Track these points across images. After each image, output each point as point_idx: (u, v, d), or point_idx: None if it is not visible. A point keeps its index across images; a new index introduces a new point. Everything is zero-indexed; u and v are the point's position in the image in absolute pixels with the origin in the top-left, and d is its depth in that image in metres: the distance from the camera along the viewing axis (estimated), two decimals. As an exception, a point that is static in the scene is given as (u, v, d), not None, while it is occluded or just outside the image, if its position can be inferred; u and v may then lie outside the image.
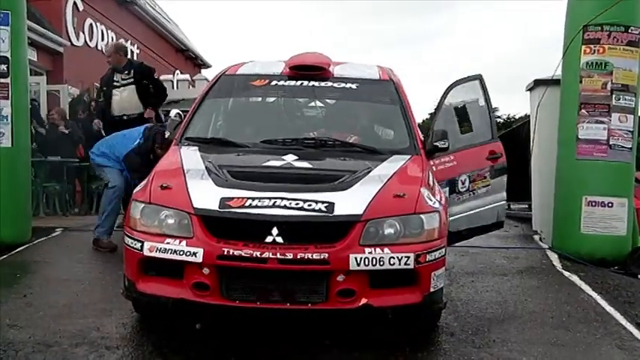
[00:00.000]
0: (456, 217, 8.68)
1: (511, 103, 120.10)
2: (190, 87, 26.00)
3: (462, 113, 9.19)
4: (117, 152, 10.25)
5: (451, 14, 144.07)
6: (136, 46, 28.84)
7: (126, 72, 12.17)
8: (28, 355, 6.50)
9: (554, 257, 10.57)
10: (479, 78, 9.39)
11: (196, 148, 7.56)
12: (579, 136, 10.45)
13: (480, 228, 9.30)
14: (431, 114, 61.95)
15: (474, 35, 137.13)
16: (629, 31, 10.66)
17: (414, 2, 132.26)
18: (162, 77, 20.12)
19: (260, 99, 8.66)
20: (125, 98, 11.94)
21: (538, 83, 10.53)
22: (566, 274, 9.90)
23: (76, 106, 20.24)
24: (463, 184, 8.78)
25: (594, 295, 8.94)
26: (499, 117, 45.44)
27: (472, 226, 9.01)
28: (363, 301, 6.12)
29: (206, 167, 6.92)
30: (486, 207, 8.87)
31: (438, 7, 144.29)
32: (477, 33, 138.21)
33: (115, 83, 12.16)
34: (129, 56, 14.03)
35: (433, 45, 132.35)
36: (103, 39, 25.60)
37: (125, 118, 11.71)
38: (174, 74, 22.21)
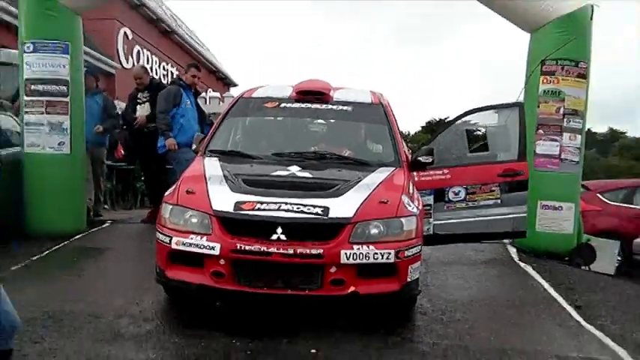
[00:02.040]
0: (457, 221, 8.65)
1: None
2: (220, 103, 26.03)
3: (477, 135, 9.12)
4: None
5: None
6: (175, 68, 28.87)
7: (146, 91, 12.18)
8: (82, 324, 6.63)
9: (513, 251, 10.62)
10: (520, 106, 9.32)
11: (217, 158, 7.65)
12: (537, 151, 10.49)
13: (495, 234, 9.37)
14: (423, 127, 61.76)
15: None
16: (579, 65, 10.76)
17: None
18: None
19: (271, 118, 8.71)
20: (143, 113, 11.94)
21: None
22: (522, 264, 9.98)
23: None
24: (456, 195, 8.67)
25: (543, 282, 9.04)
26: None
27: (485, 232, 8.95)
28: (352, 288, 6.26)
29: (224, 175, 7.04)
30: (499, 217, 8.70)
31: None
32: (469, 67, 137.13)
33: (138, 100, 12.18)
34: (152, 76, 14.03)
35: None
36: (148, 62, 25.66)
37: (146, 130, 11.68)
38: (206, 92, 22.22)
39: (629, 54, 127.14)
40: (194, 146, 8.27)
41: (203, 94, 21.32)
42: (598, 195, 15.06)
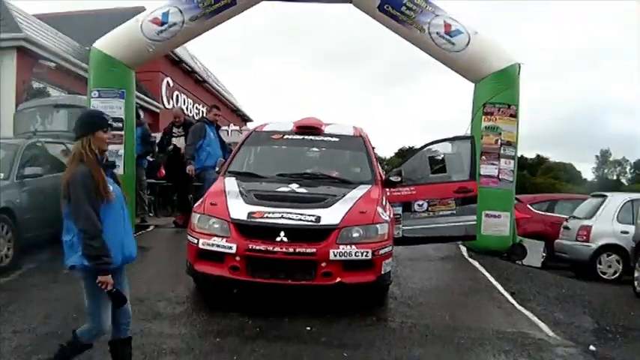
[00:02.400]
0: (421, 227, 8.51)
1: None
2: (239, 134, 26.11)
3: (437, 160, 9.07)
4: None
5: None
6: (205, 108, 28.88)
7: (181, 127, 12.09)
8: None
9: (464, 250, 10.53)
10: (471, 138, 9.31)
11: (235, 178, 7.61)
12: (481, 173, 10.42)
13: (452, 237, 9.21)
14: (396, 153, 61.87)
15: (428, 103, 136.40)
16: (510, 108, 10.71)
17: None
18: (221, 128, 20.15)
19: (276, 147, 8.63)
20: (178, 145, 11.84)
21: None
22: (471, 260, 9.90)
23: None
24: (420, 206, 8.54)
25: (486, 274, 8.99)
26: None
27: (443, 235, 8.80)
28: (338, 279, 6.28)
29: (240, 191, 7.03)
30: (455, 224, 8.58)
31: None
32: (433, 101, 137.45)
33: (173, 134, 12.13)
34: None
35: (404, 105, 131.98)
36: (184, 104, 25.68)
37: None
38: (228, 126, 22.19)
39: (555, 97, 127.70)
40: (217, 169, 8.26)
41: (225, 127, 21.28)
42: (528, 206, 14.99)
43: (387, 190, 8.03)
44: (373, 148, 8.97)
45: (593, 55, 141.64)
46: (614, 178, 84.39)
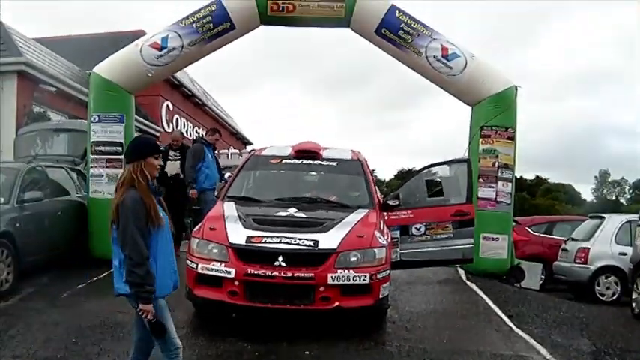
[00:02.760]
0: (419, 250, 8.56)
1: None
2: (239, 157, 26.13)
3: (434, 183, 9.11)
4: None
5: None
6: (205, 131, 28.97)
7: (178, 151, 11.78)
8: (129, 330, 6.53)
9: (462, 273, 10.57)
10: (467, 161, 9.37)
11: (233, 202, 7.64)
12: (479, 195, 10.47)
13: (449, 260, 9.24)
14: (395, 175, 61.78)
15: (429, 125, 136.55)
16: (508, 130, 10.80)
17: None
18: (221, 152, 20.21)
19: (275, 171, 8.66)
20: (173, 168, 11.51)
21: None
22: (469, 283, 9.93)
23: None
24: (418, 230, 8.58)
25: (484, 296, 9.00)
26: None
27: (441, 258, 8.84)
28: (336, 303, 6.30)
29: (238, 216, 7.06)
30: (452, 247, 8.61)
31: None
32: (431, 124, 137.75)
33: (169, 157, 11.64)
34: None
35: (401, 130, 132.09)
36: (184, 127, 25.75)
37: (171, 182, 11.29)
38: (228, 149, 22.26)
39: (554, 118, 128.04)
40: (216, 193, 8.30)
41: (224, 150, 21.36)
42: (526, 228, 15.05)
43: (385, 213, 8.08)
44: (372, 170, 9.02)
45: (592, 78, 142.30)
46: (613, 198, 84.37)
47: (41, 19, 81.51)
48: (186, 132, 25.79)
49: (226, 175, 11.58)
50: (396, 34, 10.70)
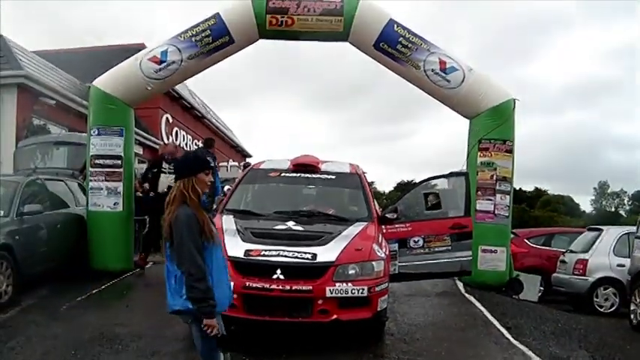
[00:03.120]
0: (417, 263, 8.50)
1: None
2: (239, 170, 26.19)
3: (433, 196, 9.11)
4: None
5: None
6: (202, 142, 29.05)
7: (172, 164, 11.32)
8: (128, 343, 6.69)
9: (460, 285, 10.58)
10: (465, 174, 9.39)
11: (232, 216, 7.68)
12: (477, 208, 10.51)
13: (447, 273, 9.14)
14: (395, 187, 61.76)
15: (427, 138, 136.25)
16: (506, 143, 10.87)
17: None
18: (220, 164, 20.25)
19: (274, 184, 8.71)
20: (165, 182, 11.21)
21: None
22: (467, 295, 9.95)
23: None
24: (416, 243, 8.55)
25: (483, 309, 9.01)
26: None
27: (439, 271, 8.77)
28: (334, 316, 6.34)
29: (237, 229, 7.11)
30: (450, 260, 8.57)
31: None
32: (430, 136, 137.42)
33: (163, 169, 11.61)
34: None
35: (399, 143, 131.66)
36: (183, 140, 25.83)
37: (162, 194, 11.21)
38: (228, 162, 22.34)
39: (553, 130, 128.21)
40: (215, 206, 8.34)
41: (224, 162, 21.44)
42: (525, 240, 15.08)
43: (384, 226, 8.11)
44: (372, 183, 9.04)
45: (591, 90, 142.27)
46: (613, 209, 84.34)
47: (42, 31, 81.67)
48: (186, 145, 25.88)
49: (225, 188, 11.56)
50: (394, 48, 10.77)
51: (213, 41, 10.80)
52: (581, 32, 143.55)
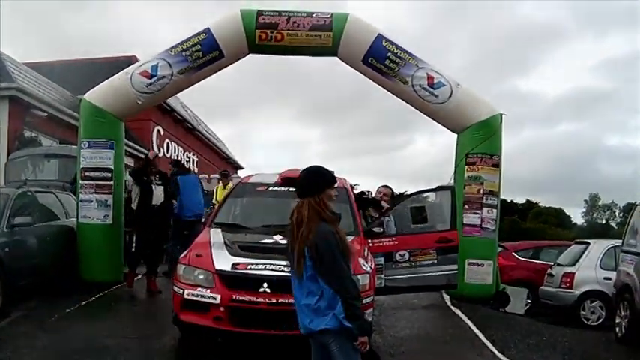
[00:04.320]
0: (403, 276, 8.54)
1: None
2: (230, 182, 26.20)
3: (419, 211, 9.19)
4: None
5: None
6: (196, 156, 29.13)
7: (157, 175, 10.91)
8: (116, 354, 6.75)
9: (447, 298, 10.67)
10: (451, 189, 9.46)
11: (220, 229, 7.76)
12: (464, 222, 10.59)
13: (434, 286, 9.21)
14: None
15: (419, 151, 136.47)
16: (493, 158, 10.95)
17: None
18: (212, 176, 20.31)
19: (261, 198, 8.78)
20: (160, 195, 10.72)
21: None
22: (453, 308, 10.05)
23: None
24: (402, 256, 8.58)
25: (469, 322, 9.11)
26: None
27: (425, 284, 8.80)
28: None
29: (224, 242, 7.20)
30: (436, 273, 8.58)
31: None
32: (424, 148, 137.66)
33: (152, 180, 10.74)
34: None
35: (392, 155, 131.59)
36: (175, 152, 25.90)
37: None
38: (209, 175, 22.51)
39: (544, 143, 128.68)
40: (203, 220, 8.43)
41: (216, 175, 21.54)
42: (513, 253, 15.19)
43: (370, 240, 8.20)
44: (368, 192, 9.14)
45: (583, 102, 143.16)
46: (604, 222, 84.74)
47: (33, 43, 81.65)
48: (177, 156, 25.96)
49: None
50: (382, 63, 10.89)
51: (204, 56, 10.91)
52: (574, 45, 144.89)
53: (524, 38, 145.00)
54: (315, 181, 4.21)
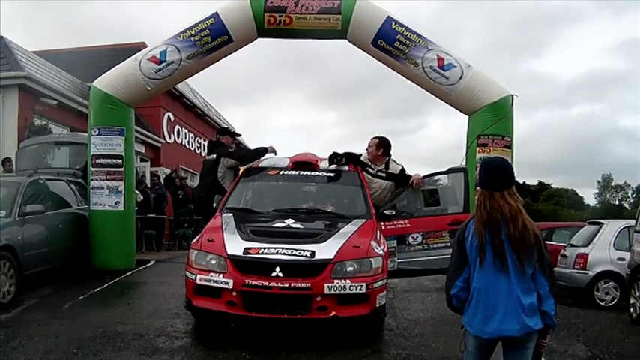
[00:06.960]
0: (416, 259, 8.61)
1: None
2: (240, 167, 26.12)
3: (430, 193, 9.16)
4: None
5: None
6: (207, 142, 29.03)
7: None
8: (129, 340, 6.75)
9: (460, 279, 10.60)
10: (464, 171, 9.37)
11: (231, 214, 7.76)
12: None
13: (446, 269, 9.13)
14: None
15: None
16: (504, 139, 10.86)
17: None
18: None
19: (273, 183, 8.81)
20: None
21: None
22: (467, 289, 9.94)
23: (168, 180, 20.42)
24: (415, 239, 8.64)
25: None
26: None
27: (438, 267, 8.62)
28: (333, 313, 6.38)
29: (236, 227, 7.17)
30: (449, 256, 8.44)
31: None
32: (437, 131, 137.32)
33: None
34: None
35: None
36: (185, 138, 25.88)
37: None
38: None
39: (557, 124, 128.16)
40: (214, 205, 8.41)
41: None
42: (526, 235, 15.09)
43: (382, 223, 8.17)
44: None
45: (596, 83, 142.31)
46: (616, 203, 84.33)
47: (42, 31, 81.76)
48: (188, 143, 25.96)
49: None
50: (392, 45, 10.80)
51: (212, 41, 10.87)
52: (590, 26, 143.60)
53: (540, 18, 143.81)
54: (513, 173, 4.08)
